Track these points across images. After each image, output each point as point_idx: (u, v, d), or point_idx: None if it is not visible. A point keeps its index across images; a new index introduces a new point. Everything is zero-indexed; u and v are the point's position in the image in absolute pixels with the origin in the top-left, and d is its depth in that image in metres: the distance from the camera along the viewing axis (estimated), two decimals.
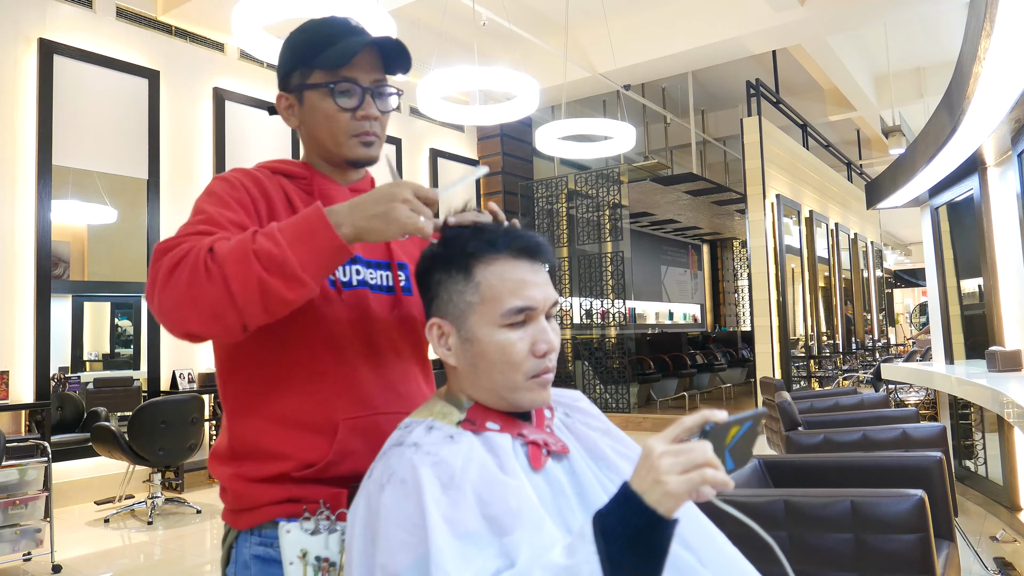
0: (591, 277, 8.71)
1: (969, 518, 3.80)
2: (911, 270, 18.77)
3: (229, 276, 0.85)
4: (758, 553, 0.91)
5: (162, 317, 0.90)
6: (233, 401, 1.06)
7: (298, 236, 0.87)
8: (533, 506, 0.83)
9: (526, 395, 0.92)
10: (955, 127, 3.00)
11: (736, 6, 6.90)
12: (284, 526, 0.98)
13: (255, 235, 0.88)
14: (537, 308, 0.92)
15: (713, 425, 0.74)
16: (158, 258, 0.90)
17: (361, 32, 1.09)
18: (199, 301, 0.86)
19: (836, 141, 12.13)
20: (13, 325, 4.70)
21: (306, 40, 1.09)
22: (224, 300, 0.85)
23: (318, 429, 1.01)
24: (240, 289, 0.85)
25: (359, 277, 1.09)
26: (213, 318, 0.87)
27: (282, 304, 0.88)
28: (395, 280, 1.13)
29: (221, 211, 0.99)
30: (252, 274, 0.85)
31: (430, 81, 5.19)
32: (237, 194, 1.03)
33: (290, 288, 0.86)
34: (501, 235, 0.93)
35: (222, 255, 0.86)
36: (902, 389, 5.79)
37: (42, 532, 3.47)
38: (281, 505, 1.01)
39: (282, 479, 1.00)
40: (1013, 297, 3.62)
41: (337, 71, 1.06)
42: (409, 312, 1.12)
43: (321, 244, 0.87)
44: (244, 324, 0.88)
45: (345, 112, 1.07)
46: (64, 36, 5.07)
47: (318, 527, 0.98)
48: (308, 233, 0.87)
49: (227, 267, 0.85)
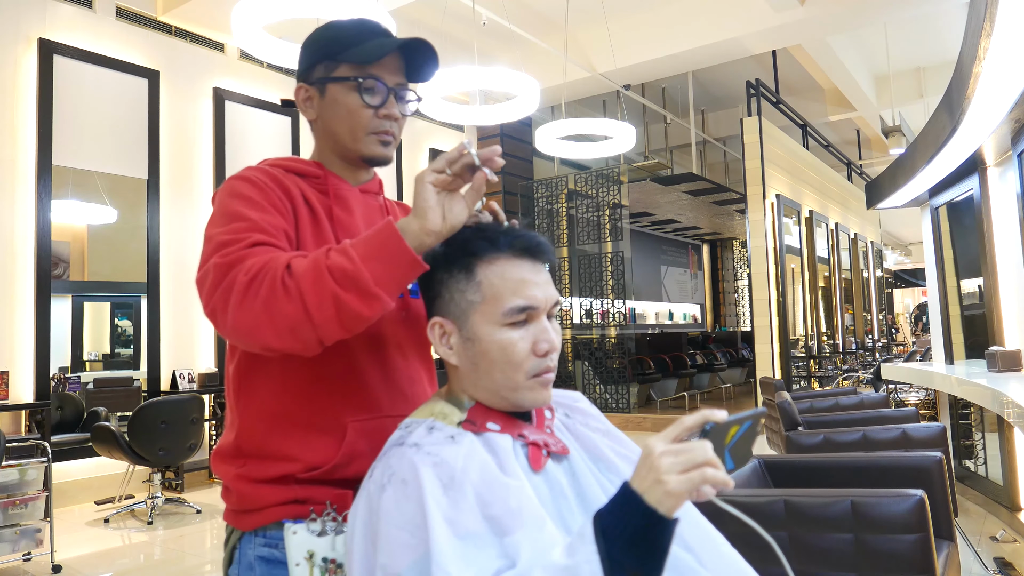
0: (591, 277, 8.71)
1: (969, 518, 3.80)
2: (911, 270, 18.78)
3: (305, 293, 0.85)
4: (758, 553, 0.91)
5: (236, 334, 0.90)
6: (244, 402, 1.06)
7: (371, 252, 0.87)
8: (533, 507, 0.83)
9: (527, 395, 0.92)
10: (955, 127, 3.00)
11: (736, 6, 6.90)
12: (290, 527, 0.98)
13: (329, 252, 0.88)
14: (538, 307, 0.92)
15: (713, 425, 0.74)
16: (224, 273, 0.90)
17: (390, 35, 1.10)
18: (276, 318, 0.86)
19: (836, 141, 12.14)
20: (13, 325, 4.70)
21: (334, 36, 1.09)
22: (301, 317, 0.86)
23: (326, 431, 1.01)
24: (316, 305, 0.86)
25: None
26: (290, 333, 0.87)
27: (358, 319, 0.88)
28: None
29: (263, 216, 0.98)
30: (327, 290, 0.85)
31: (430, 81, 5.18)
32: (268, 196, 1.02)
33: (365, 304, 0.87)
34: (502, 234, 0.93)
35: (298, 272, 0.87)
36: (902, 389, 5.79)
37: (42, 532, 3.47)
38: (287, 506, 1.00)
39: (288, 480, 1.00)
40: (1013, 297, 3.62)
41: (365, 67, 1.06)
42: (416, 314, 1.12)
43: (394, 258, 0.87)
44: (320, 339, 0.88)
45: (368, 109, 1.07)
46: (64, 36, 5.07)
47: (325, 528, 0.98)
48: (381, 248, 0.87)
49: (303, 284, 0.86)
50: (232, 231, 0.95)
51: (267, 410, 1.03)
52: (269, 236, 0.96)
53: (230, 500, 1.06)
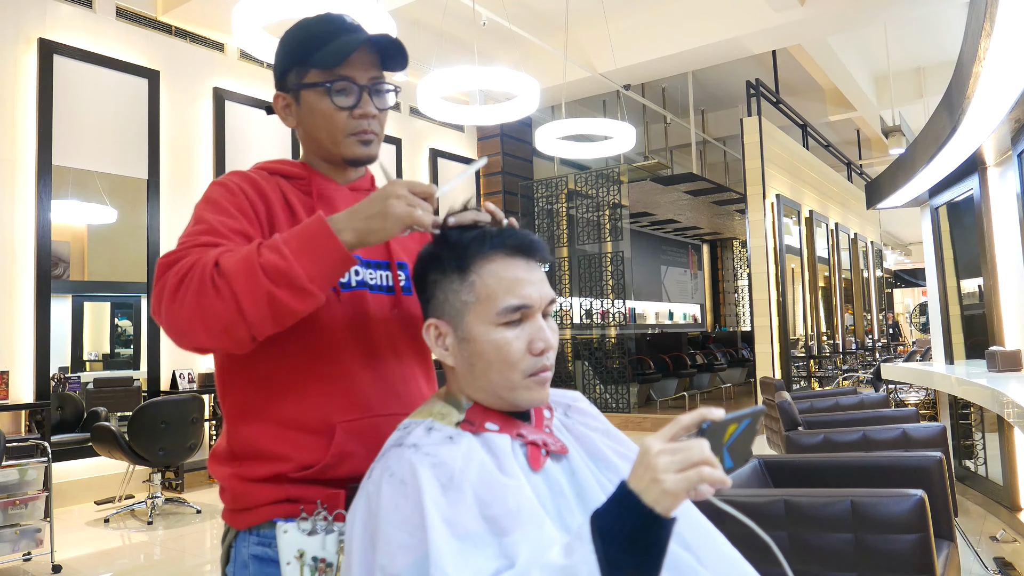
0: (591, 277, 8.70)
1: (969, 518, 3.80)
2: (911, 270, 18.78)
3: (238, 292, 0.86)
4: (758, 553, 0.91)
5: (171, 332, 0.90)
6: (232, 404, 1.06)
7: (302, 247, 0.88)
8: (532, 506, 0.82)
9: (524, 394, 0.92)
10: (955, 127, 3.00)
11: (736, 6, 6.90)
12: (281, 526, 0.98)
13: (260, 248, 0.89)
14: (533, 306, 0.92)
15: (710, 423, 0.74)
16: (162, 272, 0.91)
17: (357, 29, 1.08)
18: (208, 317, 0.87)
19: (836, 141, 12.13)
20: (13, 325, 4.70)
21: (301, 39, 1.07)
22: (233, 315, 0.87)
23: (316, 431, 1.01)
24: (250, 304, 0.86)
25: (358, 278, 1.08)
26: (223, 332, 0.88)
27: (291, 315, 0.89)
28: (395, 280, 1.12)
29: (222, 219, 0.98)
30: (261, 288, 0.86)
31: (430, 81, 5.19)
32: (236, 200, 1.02)
33: (298, 299, 0.88)
34: (496, 234, 0.93)
35: (229, 270, 0.87)
36: (902, 389, 5.79)
37: (42, 532, 3.47)
38: (279, 505, 1.01)
39: (279, 479, 1.01)
40: (1013, 297, 3.62)
41: (333, 70, 1.05)
42: (410, 312, 1.12)
43: (325, 253, 0.88)
44: (253, 336, 0.90)
45: (343, 111, 1.06)
46: (64, 36, 5.07)
47: (315, 527, 0.98)
48: (312, 243, 0.89)
49: (235, 283, 0.86)
50: (187, 235, 0.97)
51: (254, 411, 1.03)
52: (219, 237, 0.95)
53: (226, 499, 1.07)
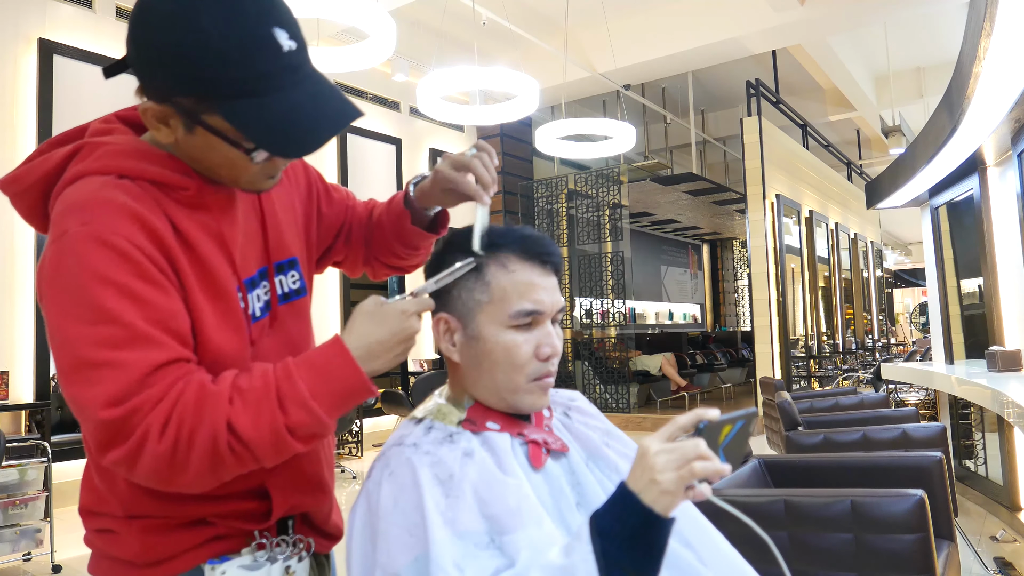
0: (591, 277, 8.71)
1: (969, 518, 3.80)
2: (911, 270, 18.79)
3: (262, 457, 0.79)
4: (758, 553, 0.91)
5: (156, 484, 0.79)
6: None
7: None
8: (532, 505, 0.83)
9: (526, 398, 0.93)
10: (955, 127, 3.00)
11: (736, 6, 6.90)
12: (216, 568, 0.88)
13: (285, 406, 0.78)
14: (545, 312, 0.92)
15: (707, 423, 0.75)
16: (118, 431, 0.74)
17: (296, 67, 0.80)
18: (223, 477, 0.80)
19: (836, 141, 12.13)
20: (13, 325, 4.70)
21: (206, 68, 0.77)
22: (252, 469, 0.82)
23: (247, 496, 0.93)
24: (272, 461, 0.82)
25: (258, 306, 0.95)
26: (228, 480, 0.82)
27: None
28: (272, 293, 0.97)
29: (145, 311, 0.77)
30: (288, 450, 0.80)
31: (430, 81, 5.19)
32: (140, 268, 0.78)
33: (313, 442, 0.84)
34: (516, 237, 0.94)
35: (251, 438, 0.77)
36: (902, 389, 5.79)
37: (42, 532, 3.47)
38: (206, 546, 0.89)
39: (199, 523, 0.90)
40: (1013, 297, 3.62)
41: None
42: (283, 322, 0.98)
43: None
44: None
45: (255, 164, 0.85)
46: (64, 36, 5.07)
47: (256, 559, 0.90)
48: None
49: (258, 450, 0.78)
50: (105, 343, 0.74)
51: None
52: (163, 350, 0.76)
53: (121, 551, 0.88)
